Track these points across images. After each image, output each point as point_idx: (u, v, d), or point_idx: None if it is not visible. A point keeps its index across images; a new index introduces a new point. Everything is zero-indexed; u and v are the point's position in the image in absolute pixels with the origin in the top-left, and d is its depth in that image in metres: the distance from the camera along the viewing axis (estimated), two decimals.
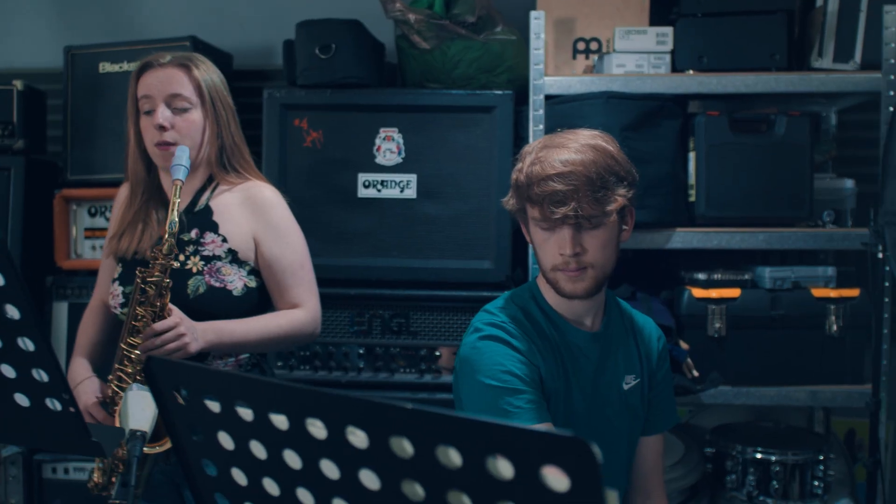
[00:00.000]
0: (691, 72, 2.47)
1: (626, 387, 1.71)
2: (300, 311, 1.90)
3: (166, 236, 1.71)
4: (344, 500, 0.83)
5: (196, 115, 1.87)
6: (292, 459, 0.84)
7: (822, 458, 2.53)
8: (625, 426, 1.72)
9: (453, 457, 0.71)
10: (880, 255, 2.10)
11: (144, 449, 1.70)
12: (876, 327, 2.24)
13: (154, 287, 1.72)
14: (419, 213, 2.54)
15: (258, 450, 0.87)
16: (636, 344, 1.75)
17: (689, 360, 2.38)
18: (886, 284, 2.37)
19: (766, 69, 2.45)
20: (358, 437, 0.77)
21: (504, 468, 0.69)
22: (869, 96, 2.51)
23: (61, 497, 2.82)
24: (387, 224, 2.55)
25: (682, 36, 2.49)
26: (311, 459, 0.82)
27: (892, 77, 2.38)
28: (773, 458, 2.51)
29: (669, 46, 2.49)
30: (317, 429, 0.80)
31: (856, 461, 2.97)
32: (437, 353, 2.56)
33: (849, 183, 2.62)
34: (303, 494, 0.86)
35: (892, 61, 2.39)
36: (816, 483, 2.54)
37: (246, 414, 0.85)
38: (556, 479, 0.66)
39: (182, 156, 1.76)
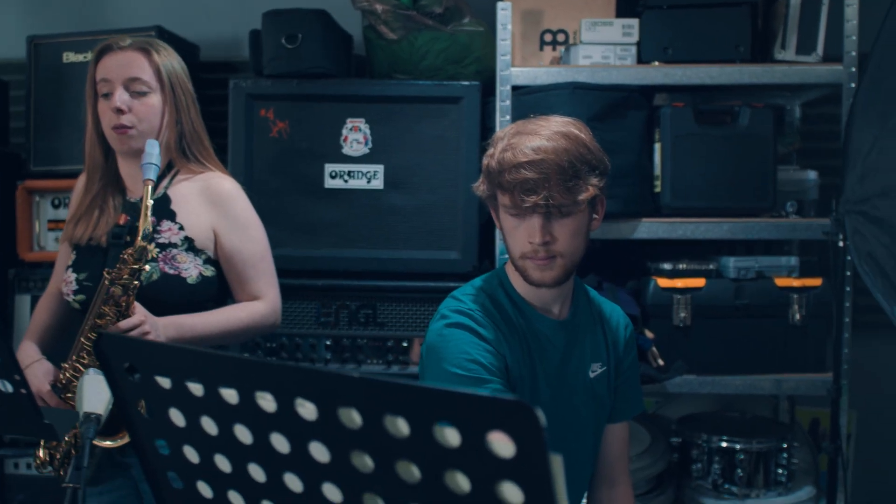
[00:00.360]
0: (657, 63, 2.49)
1: (592, 375, 1.71)
2: (260, 303, 1.89)
3: (139, 240, 1.69)
4: (295, 474, 0.82)
5: (155, 100, 1.85)
6: (243, 434, 0.84)
7: (786, 446, 2.56)
8: (590, 414, 1.72)
9: (401, 426, 0.71)
10: (841, 244, 2.12)
11: (107, 443, 1.70)
12: (837, 316, 2.27)
13: (121, 288, 1.70)
14: (386, 204, 2.54)
15: (209, 426, 0.86)
16: (603, 332, 1.75)
17: (654, 348, 2.39)
18: (848, 273, 2.40)
19: (731, 61, 2.48)
20: (307, 409, 0.76)
21: (451, 436, 0.69)
22: (831, 88, 2.54)
23: (24, 493, 2.78)
24: (354, 215, 2.55)
25: (648, 28, 2.50)
26: (261, 434, 0.82)
27: (854, 69, 2.41)
28: (738, 447, 2.53)
29: (635, 38, 2.50)
30: (266, 402, 0.79)
31: (820, 450, 3.00)
32: (405, 344, 2.56)
33: (812, 174, 2.66)
34: (254, 470, 0.85)
35: (853, 53, 2.42)
36: (781, 471, 2.57)
37: (196, 389, 0.85)
38: (501, 445, 0.66)
39: (152, 153, 1.73)
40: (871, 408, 3.13)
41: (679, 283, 2.46)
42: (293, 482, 0.83)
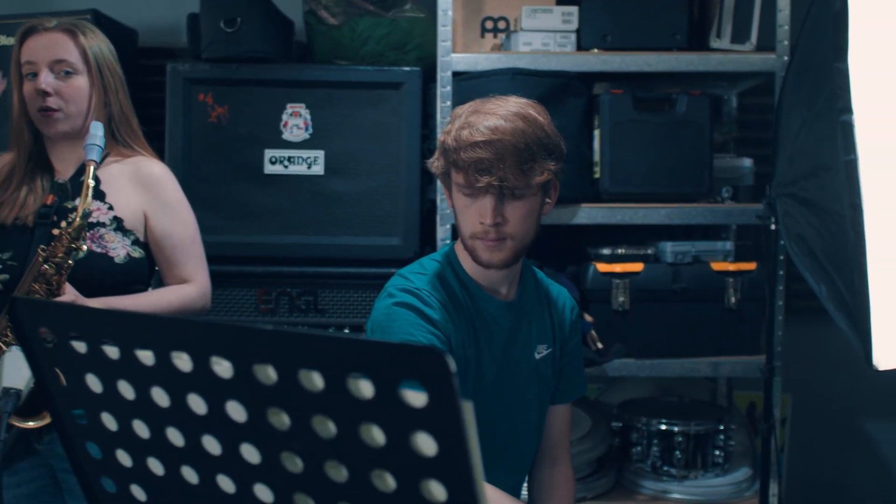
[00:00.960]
0: (596, 50, 2.51)
1: (537, 356, 1.72)
2: (190, 286, 1.90)
3: (78, 219, 1.67)
4: (213, 436, 0.81)
5: (81, 82, 1.83)
6: (160, 397, 0.82)
7: (722, 428, 2.61)
8: (535, 395, 1.73)
9: (316, 380, 0.71)
10: (773, 227, 2.16)
11: (29, 424, 1.67)
12: (770, 298, 2.32)
13: (54, 267, 1.68)
14: (327, 190, 2.53)
15: (126, 390, 0.85)
16: (550, 314, 1.76)
17: (593, 332, 2.42)
18: (781, 258, 2.46)
19: (668, 49, 2.51)
20: (223, 367, 0.76)
21: (364, 388, 0.69)
22: (765, 77, 2.59)
23: None
24: (294, 201, 2.53)
25: (587, 15, 2.52)
26: (178, 395, 0.81)
27: (786, 58, 2.46)
28: (677, 429, 2.58)
29: (575, 25, 2.53)
30: (182, 361, 0.78)
31: (757, 433, 3.06)
32: (347, 331, 2.55)
33: (747, 162, 2.71)
34: (172, 434, 0.84)
35: (785, 43, 2.47)
36: (718, 453, 2.62)
37: (112, 352, 0.83)
38: (414, 395, 0.66)
39: (96, 134, 1.73)
40: (806, 392, 3.21)
41: (618, 267, 2.48)
42: (211, 445, 0.82)
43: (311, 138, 2.52)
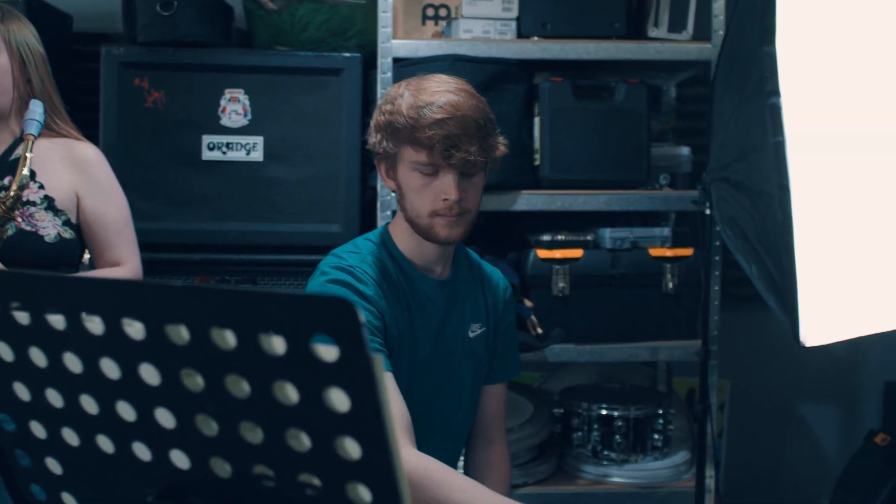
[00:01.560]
0: (536, 38, 2.53)
1: (471, 335, 1.73)
2: (122, 269, 1.90)
3: (13, 191, 1.67)
4: (127, 401, 0.80)
5: (2, 60, 1.83)
6: (73, 363, 0.81)
7: (662, 412, 2.65)
8: (468, 373, 1.74)
9: (228, 338, 0.70)
10: (708, 212, 2.20)
11: None
12: (705, 283, 2.35)
13: None
14: (266, 177, 2.50)
15: (38, 357, 0.83)
16: (483, 293, 1.78)
17: (533, 317, 2.43)
18: (717, 243, 2.50)
19: (607, 37, 2.54)
20: (135, 329, 0.74)
21: (277, 344, 0.68)
22: (701, 66, 2.63)
23: None
24: (233, 187, 2.50)
25: (528, 3, 2.53)
26: (90, 361, 0.79)
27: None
28: (617, 414, 2.60)
29: (515, 13, 2.54)
30: (94, 324, 0.77)
31: (695, 419, 3.11)
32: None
33: (685, 150, 2.75)
34: (86, 402, 0.83)
35: (720, 32, 2.51)
36: (657, 437, 2.66)
37: (22, 318, 0.81)
38: (326, 349, 0.66)
39: (36, 110, 1.74)
40: (744, 378, 3.27)
41: (558, 253, 2.50)
42: (126, 411, 0.80)
43: (249, 124, 2.50)
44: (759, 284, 1.83)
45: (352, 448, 0.70)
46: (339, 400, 0.68)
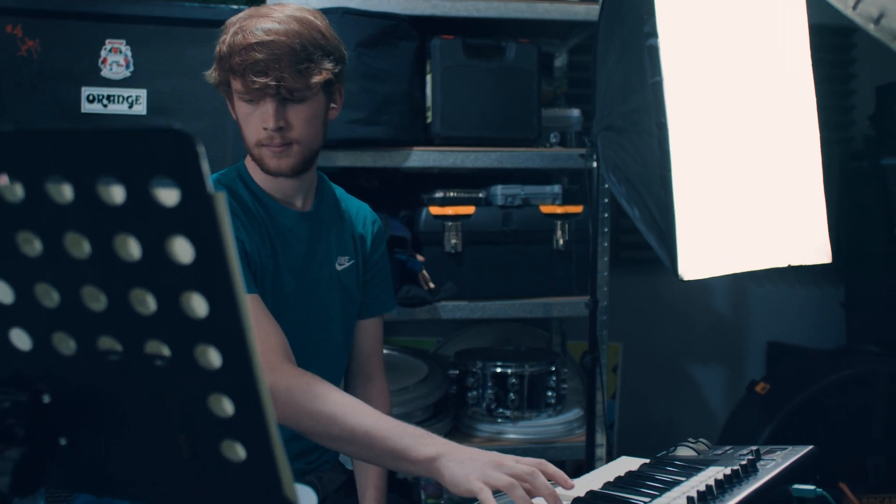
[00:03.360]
0: None
1: (339, 268, 1.73)
2: None
3: None
4: None
5: None
6: None
7: (555, 369, 2.69)
8: (338, 306, 1.74)
9: (65, 192, 0.66)
10: (595, 164, 2.24)
11: None
12: (593, 236, 2.37)
13: None
14: None
15: None
16: (350, 226, 1.78)
17: (424, 272, 2.43)
18: (605, 200, 2.55)
19: None
20: None
21: (116, 193, 0.65)
22: (589, 29, 2.68)
23: None
24: None
25: None
26: None
27: None
28: (510, 371, 2.63)
29: None
30: None
31: (584, 369, 3.17)
32: None
33: (575, 112, 2.79)
34: None
35: None
36: (551, 394, 2.69)
37: None
38: (166, 193, 0.63)
39: None
40: (635, 340, 3.36)
41: (450, 210, 2.51)
42: None
43: (132, 76, 2.41)
44: (641, 226, 1.87)
45: (198, 305, 0.67)
46: (182, 250, 0.65)
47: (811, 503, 1.13)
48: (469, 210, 2.52)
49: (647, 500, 1.09)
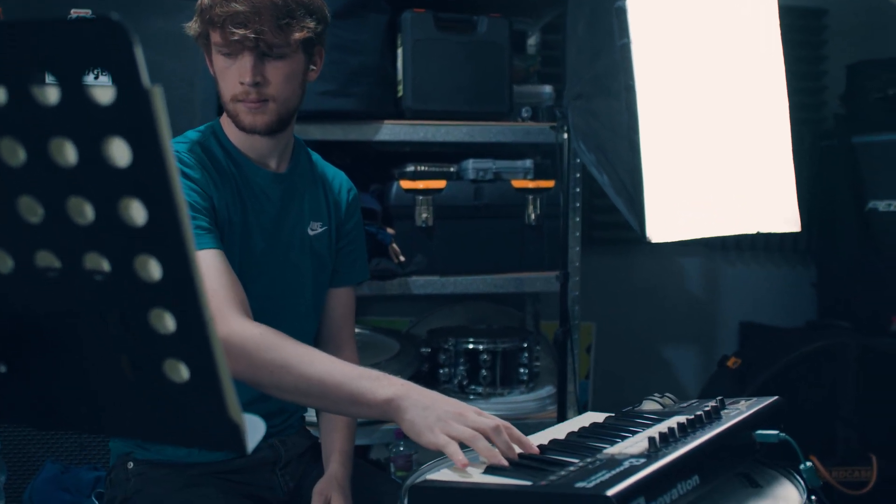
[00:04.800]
0: None
1: (311, 233, 1.71)
2: None
3: None
4: None
5: None
6: None
7: (527, 346, 2.68)
8: (309, 271, 1.71)
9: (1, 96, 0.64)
10: (565, 136, 2.22)
11: None
12: (564, 212, 2.36)
13: None
14: None
15: None
16: (325, 192, 1.75)
17: (394, 245, 2.42)
18: (577, 175, 2.54)
19: None
20: None
21: (50, 93, 0.63)
22: (563, 5, 2.66)
23: None
24: None
25: None
26: None
27: None
28: (483, 348, 2.62)
29: None
30: None
31: (556, 341, 3.16)
32: None
33: (547, 88, 2.79)
34: None
35: None
36: (523, 370, 2.68)
37: None
38: (101, 91, 0.61)
39: None
40: (609, 321, 3.36)
41: (421, 184, 2.49)
42: None
43: None
44: (610, 192, 1.86)
45: (137, 212, 0.65)
46: (120, 152, 0.63)
47: (774, 448, 1.12)
48: (440, 184, 2.51)
49: (607, 445, 1.08)
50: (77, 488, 2.18)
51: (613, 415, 1.35)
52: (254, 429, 0.80)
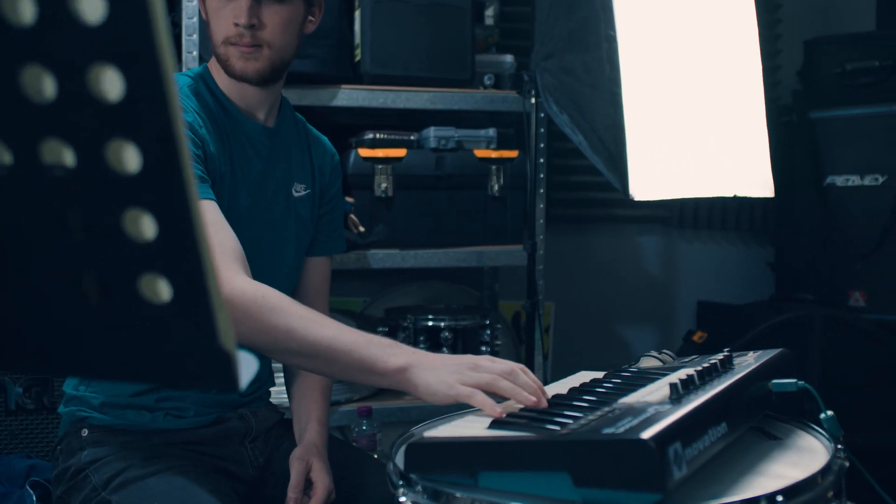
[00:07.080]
0: None
1: (296, 194, 1.64)
2: None
3: None
4: None
5: None
6: None
7: (489, 323, 2.58)
8: (291, 234, 1.64)
9: None
10: (533, 101, 2.13)
11: None
12: (533, 181, 2.27)
13: None
14: None
15: None
16: (310, 153, 1.68)
17: (353, 216, 2.30)
18: (542, 145, 2.45)
19: None
20: None
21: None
22: None
23: None
24: None
25: None
26: None
27: None
28: (443, 325, 2.52)
29: None
30: None
31: (521, 341, 3.09)
32: None
33: (509, 58, 2.70)
34: None
35: None
36: (485, 349, 2.59)
37: None
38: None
39: None
40: (567, 300, 3.29)
41: (380, 153, 2.38)
42: None
43: None
44: (587, 151, 1.78)
45: (112, 85, 0.53)
46: (111, 84, 0.51)
47: (793, 396, 1.05)
48: (400, 153, 2.40)
49: (624, 395, 0.99)
50: (9, 478, 2.01)
51: (609, 372, 1.26)
52: (246, 363, 0.69)
